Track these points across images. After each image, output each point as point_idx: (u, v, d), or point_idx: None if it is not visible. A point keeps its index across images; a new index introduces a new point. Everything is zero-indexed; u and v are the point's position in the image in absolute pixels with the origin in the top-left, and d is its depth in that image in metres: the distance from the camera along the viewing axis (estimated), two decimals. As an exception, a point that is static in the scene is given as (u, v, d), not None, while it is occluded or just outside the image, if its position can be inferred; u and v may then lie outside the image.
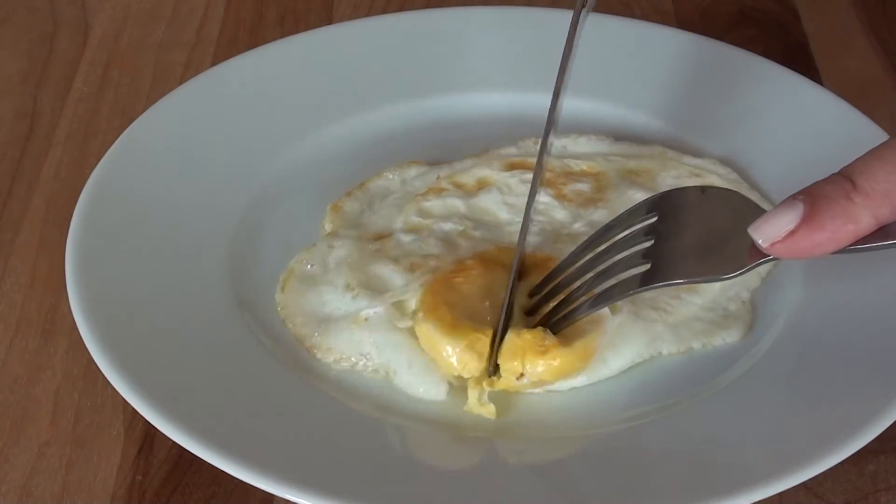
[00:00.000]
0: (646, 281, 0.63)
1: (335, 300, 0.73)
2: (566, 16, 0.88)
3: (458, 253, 0.73)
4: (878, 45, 0.98)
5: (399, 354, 0.69)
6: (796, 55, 0.96)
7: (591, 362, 0.68)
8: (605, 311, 0.69)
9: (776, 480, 0.61)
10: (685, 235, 0.64)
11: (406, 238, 0.75)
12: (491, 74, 0.89)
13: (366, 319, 0.70)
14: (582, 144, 0.83)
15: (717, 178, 0.80)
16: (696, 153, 0.83)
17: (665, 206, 0.65)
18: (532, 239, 0.74)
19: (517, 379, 0.66)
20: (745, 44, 0.91)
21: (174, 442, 0.63)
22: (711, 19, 1.00)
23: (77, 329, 0.68)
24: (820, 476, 0.62)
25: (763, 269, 0.76)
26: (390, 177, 0.82)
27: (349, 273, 0.73)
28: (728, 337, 0.72)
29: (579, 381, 0.69)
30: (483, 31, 0.91)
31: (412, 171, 0.82)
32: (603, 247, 0.67)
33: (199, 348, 0.69)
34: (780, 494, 0.62)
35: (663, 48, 0.90)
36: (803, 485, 0.63)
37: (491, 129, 0.85)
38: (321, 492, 0.60)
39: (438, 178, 0.80)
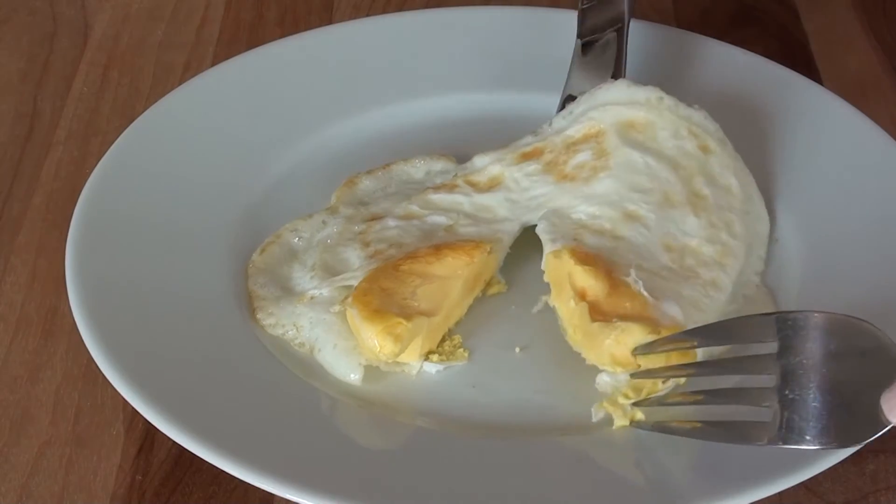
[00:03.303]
0: (772, 439, 0.60)
1: (299, 277, 0.75)
2: (565, 15, 0.89)
3: (429, 245, 0.73)
4: (878, 45, 0.98)
5: (328, 334, 0.70)
6: (796, 55, 0.96)
7: None
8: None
9: (776, 480, 0.61)
10: (811, 387, 0.59)
11: (392, 223, 0.76)
12: (489, 74, 0.89)
13: (311, 298, 0.72)
14: (583, 102, 0.80)
15: (709, 137, 0.78)
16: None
17: (787, 333, 0.61)
18: (547, 235, 0.73)
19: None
20: (745, 44, 0.91)
21: (174, 442, 0.63)
22: (711, 19, 1.00)
23: (77, 329, 0.68)
24: (820, 476, 0.63)
25: (763, 251, 0.76)
26: (418, 164, 0.82)
27: (320, 254, 0.75)
28: None
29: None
30: (482, 32, 0.91)
31: (439, 165, 0.82)
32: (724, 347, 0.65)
33: (199, 348, 0.69)
34: (780, 494, 0.62)
35: (663, 48, 0.90)
36: (803, 485, 0.63)
37: (491, 128, 0.85)
38: (321, 492, 0.60)
39: (455, 175, 0.80)
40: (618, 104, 0.78)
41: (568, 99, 0.82)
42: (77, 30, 0.98)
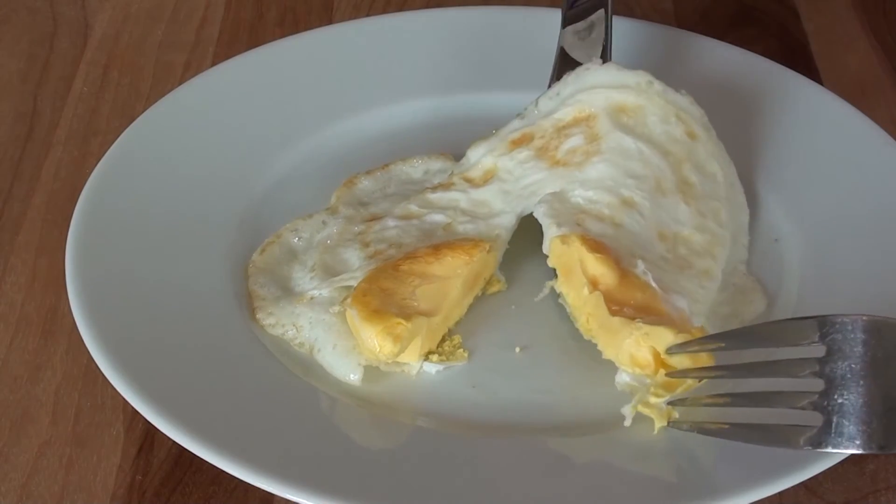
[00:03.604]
0: (822, 441, 0.59)
1: (299, 277, 0.75)
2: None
3: (429, 244, 0.73)
4: (878, 45, 0.98)
5: (327, 335, 0.70)
6: (796, 55, 0.96)
7: None
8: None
9: (776, 480, 0.61)
10: (860, 391, 0.59)
11: (392, 223, 0.76)
12: (489, 74, 0.89)
13: (311, 298, 0.72)
14: (571, 83, 0.80)
15: (695, 124, 0.78)
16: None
17: (836, 337, 0.60)
18: (548, 219, 0.73)
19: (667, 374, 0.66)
20: (745, 44, 0.91)
21: (174, 442, 0.63)
22: (711, 19, 1.00)
23: (77, 329, 0.68)
24: (820, 476, 0.63)
25: (746, 239, 0.77)
26: (416, 164, 0.82)
27: (320, 254, 0.75)
28: (758, 307, 0.73)
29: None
30: (482, 32, 0.91)
31: (437, 165, 0.82)
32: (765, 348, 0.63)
33: (199, 348, 0.69)
34: (780, 494, 0.62)
35: (663, 48, 0.90)
36: (803, 484, 0.63)
37: (491, 128, 0.85)
38: (321, 492, 0.60)
39: (452, 173, 0.80)
40: (607, 87, 0.78)
41: (560, 54, 0.83)
42: (77, 30, 0.98)
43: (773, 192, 0.80)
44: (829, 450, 0.59)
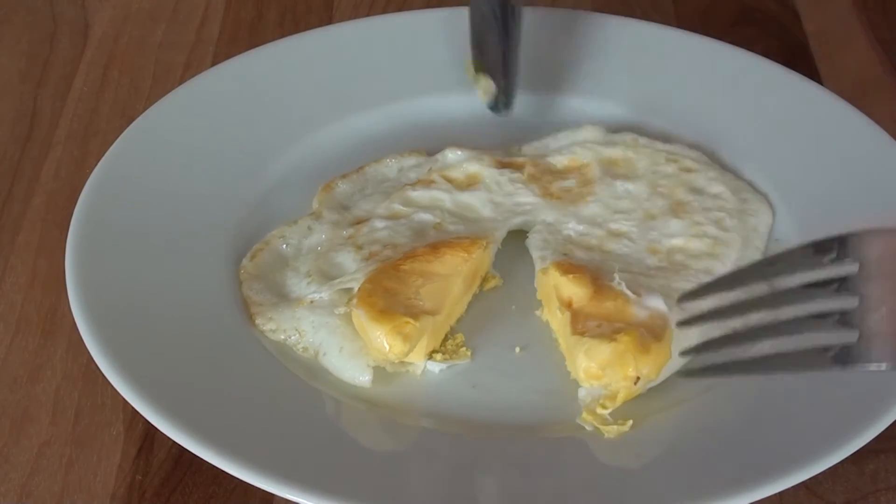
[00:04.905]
0: (851, 357, 0.55)
1: (294, 283, 0.74)
2: (565, 16, 0.89)
3: (423, 243, 0.74)
4: (878, 45, 0.98)
5: (332, 338, 0.70)
6: (796, 55, 0.96)
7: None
8: (664, 308, 0.68)
9: (776, 480, 0.61)
10: (891, 305, 0.54)
11: (380, 224, 0.76)
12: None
13: (311, 302, 0.72)
14: (561, 139, 0.83)
15: (690, 161, 0.80)
16: (666, 139, 0.82)
17: (867, 253, 0.56)
18: (537, 252, 0.74)
19: (634, 384, 0.66)
20: (745, 44, 0.91)
21: (174, 442, 0.63)
22: (711, 19, 1.00)
23: (77, 329, 0.68)
24: (820, 476, 0.63)
25: (761, 243, 0.76)
26: (389, 163, 0.82)
27: (314, 261, 0.75)
28: None
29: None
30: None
31: (411, 161, 0.82)
32: (786, 277, 0.57)
33: (199, 348, 0.69)
34: (780, 494, 0.62)
35: (663, 48, 0.90)
36: (803, 484, 0.63)
37: (490, 127, 0.85)
38: (321, 492, 0.60)
39: (430, 170, 0.80)
40: (596, 143, 0.81)
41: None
42: (77, 29, 0.98)
43: (773, 191, 0.80)
44: (860, 366, 0.55)
